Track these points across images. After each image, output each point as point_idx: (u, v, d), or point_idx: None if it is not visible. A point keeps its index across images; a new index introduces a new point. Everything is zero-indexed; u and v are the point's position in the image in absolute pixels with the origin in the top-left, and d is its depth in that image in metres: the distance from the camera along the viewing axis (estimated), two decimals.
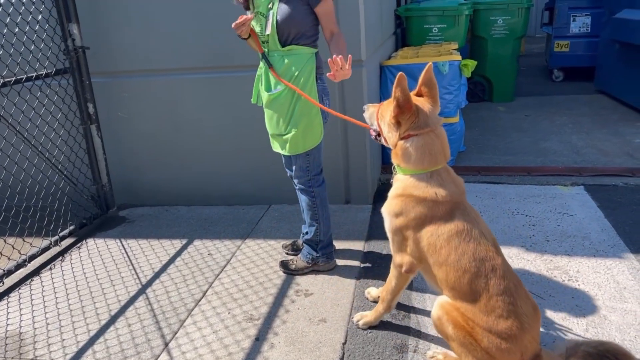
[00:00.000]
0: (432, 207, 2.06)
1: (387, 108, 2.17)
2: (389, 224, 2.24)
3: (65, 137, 3.77)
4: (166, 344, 2.48)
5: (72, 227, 3.67)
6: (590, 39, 7.30)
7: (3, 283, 3.09)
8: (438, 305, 2.06)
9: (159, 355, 2.42)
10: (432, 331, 2.44)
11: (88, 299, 2.93)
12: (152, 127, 4.02)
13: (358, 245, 3.28)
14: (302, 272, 3.01)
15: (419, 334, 2.43)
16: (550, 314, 2.49)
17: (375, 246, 3.27)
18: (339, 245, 3.29)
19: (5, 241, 3.27)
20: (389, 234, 2.27)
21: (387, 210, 2.23)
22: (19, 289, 3.11)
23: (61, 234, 3.58)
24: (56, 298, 2.97)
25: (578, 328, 2.39)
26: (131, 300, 2.87)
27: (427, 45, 5.50)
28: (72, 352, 2.49)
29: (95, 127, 3.85)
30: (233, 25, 2.57)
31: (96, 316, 2.76)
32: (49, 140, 3.68)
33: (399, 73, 2.01)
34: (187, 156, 4.04)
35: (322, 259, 2.99)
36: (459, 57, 4.46)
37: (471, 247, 1.98)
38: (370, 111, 2.33)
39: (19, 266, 3.22)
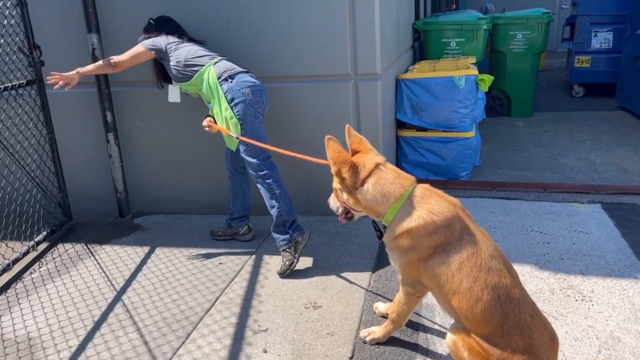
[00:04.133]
0: (436, 232, 2.01)
1: (335, 182, 2.30)
2: (399, 260, 2.18)
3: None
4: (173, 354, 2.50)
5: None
6: (612, 55, 7.20)
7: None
8: (453, 329, 2.03)
9: None
10: (441, 349, 2.41)
11: (84, 309, 2.97)
12: (168, 136, 4.07)
13: (368, 258, 3.27)
14: (295, 258, 3.08)
15: (426, 352, 2.40)
16: (562, 334, 2.43)
17: (386, 259, 3.23)
18: (349, 258, 3.28)
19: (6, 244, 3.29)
20: (398, 268, 2.24)
21: (395, 247, 2.16)
22: (29, 295, 3.17)
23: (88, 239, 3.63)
24: (52, 305, 3.02)
25: (591, 350, 2.34)
26: (134, 309, 2.90)
27: (445, 59, 5.49)
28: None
29: (112, 135, 3.93)
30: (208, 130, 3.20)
31: (97, 323, 2.80)
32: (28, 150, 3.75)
33: (326, 137, 2.20)
34: (202, 165, 4.08)
35: (297, 233, 3.09)
36: (476, 72, 4.44)
37: (483, 273, 1.93)
38: (330, 198, 2.43)
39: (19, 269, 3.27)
